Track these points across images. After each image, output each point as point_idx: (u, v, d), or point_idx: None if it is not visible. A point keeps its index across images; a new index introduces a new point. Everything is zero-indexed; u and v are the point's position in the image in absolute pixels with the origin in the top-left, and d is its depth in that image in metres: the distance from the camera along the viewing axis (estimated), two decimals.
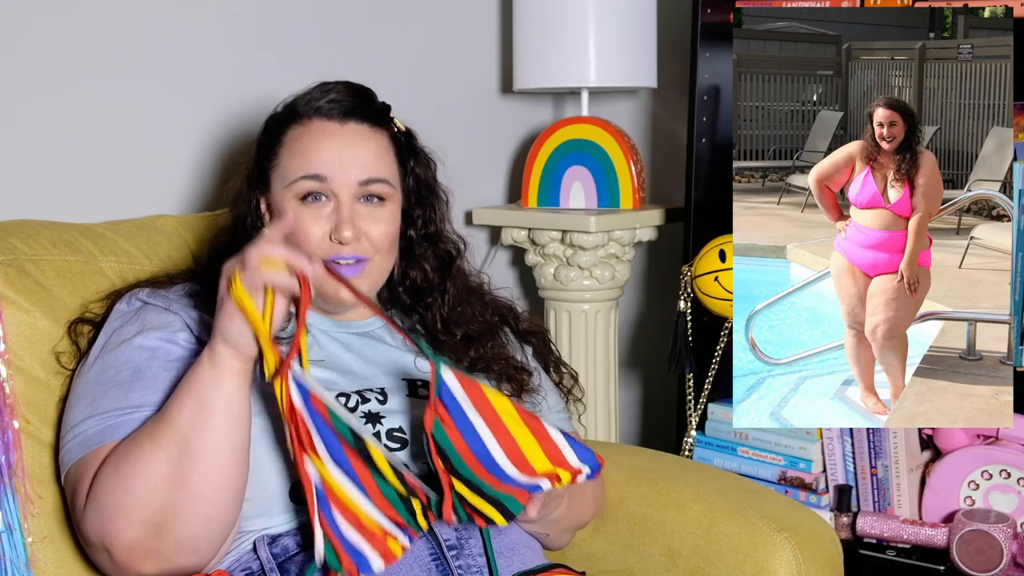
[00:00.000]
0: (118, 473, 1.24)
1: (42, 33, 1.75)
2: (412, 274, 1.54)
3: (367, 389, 1.42)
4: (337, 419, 1.21)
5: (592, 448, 1.30)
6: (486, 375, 1.52)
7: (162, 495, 1.22)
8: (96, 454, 1.29)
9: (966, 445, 1.92)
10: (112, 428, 1.29)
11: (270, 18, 2.06)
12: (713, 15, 2.06)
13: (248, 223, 1.49)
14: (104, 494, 1.25)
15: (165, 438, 1.23)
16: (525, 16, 2.29)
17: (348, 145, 1.44)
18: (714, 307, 2.02)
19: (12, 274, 1.45)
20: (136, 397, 1.31)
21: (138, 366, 1.34)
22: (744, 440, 2.07)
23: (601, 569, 1.62)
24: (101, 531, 1.25)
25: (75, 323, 1.47)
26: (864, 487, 1.98)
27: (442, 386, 1.23)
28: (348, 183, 1.43)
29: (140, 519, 1.23)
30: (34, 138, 1.77)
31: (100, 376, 1.35)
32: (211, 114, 1.97)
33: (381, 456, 1.21)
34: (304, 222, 1.42)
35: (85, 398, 1.35)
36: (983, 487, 1.90)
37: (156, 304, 1.41)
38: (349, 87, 1.48)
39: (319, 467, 1.20)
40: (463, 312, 1.57)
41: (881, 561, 1.94)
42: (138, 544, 1.23)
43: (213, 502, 1.23)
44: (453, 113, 2.42)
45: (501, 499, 1.27)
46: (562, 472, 1.29)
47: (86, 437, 1.31)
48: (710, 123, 2.11)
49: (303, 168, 1.42)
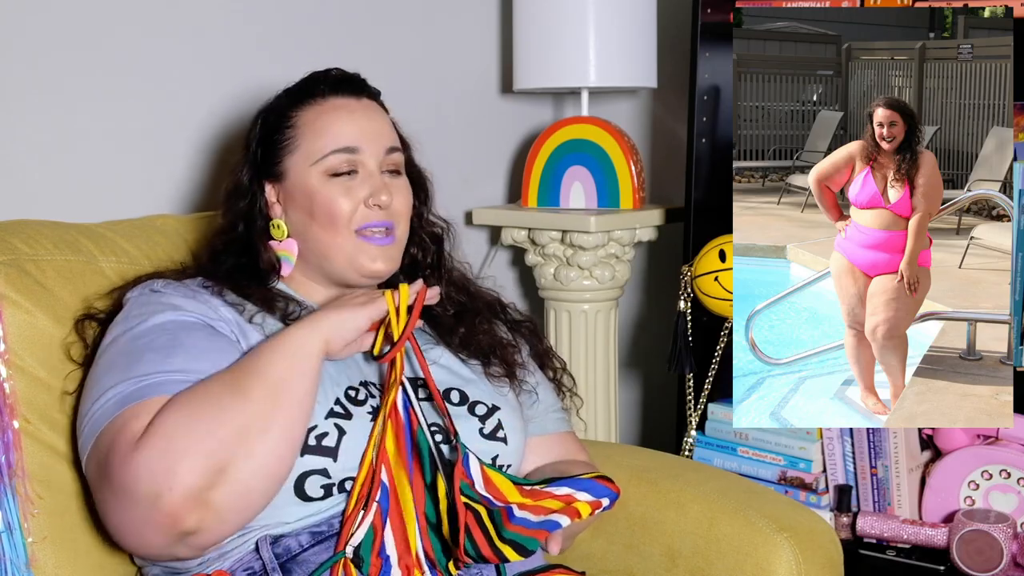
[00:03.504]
0: (191, 417, 1.22)
1: (42, 33, 1.76)
2: (412, 251, 1.58)
3: (372, 383, 1.42)
4: (422, 434, 1.34)
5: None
6: (477, 353, 1.55)
7: (241, 442, 1.21)
8: (141, 407, 1.25)
9: (966, 445, 1.92)
10: (155, 386, 1.27)
11: (270, 18, 2.06)
12: (713, 15, 2.06)
13: (255, 216, 1.49)
14: (170, 437, 1.20)
15: (251, 390, 1.24)
16: (525, 16, 2.29)
17: (369, 118, 1.49)
18: (714, 307, 2.02)
19: (12, 274, 1.45)
20: (178, 363, 1.29)
21: (176, 335, 1.33)
22: (744, 440, 2.07)
23: (601, 569, 1.62)
24: (161, 474, 1.19)
25: (82, 319, 1.46)
26: (864, 487, 1.98)
27: (467, 460, 1.33)
28: (376, 152, 1.47)
29: (209, 464, 1.20)
30: (34, 138, 1.77)
31: (130, 346, 1.33)
32: (211, 114, 1.97)
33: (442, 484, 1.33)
34: (336, 196, 1.45)
35: (114, 368, 1.31)
36: (983, 487, 1.90)
37: (178, 291, 1.41)
38: (344, 71, 1.53)
39: (398, 476, 1.31)
40: (456, 295, 1.60)
41: (881, 561, 1.94)
42: (197, 491, 1.19)
43: (279, 457, 1.25)
44: (453, 113, 2.42)
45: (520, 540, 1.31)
46: (580, 506, 1.33)
47: (123, 396, 1.27)
48: (710, 123, 2.11)
49: (332, 143, 1.46)
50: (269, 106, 1.53)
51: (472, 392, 1.49)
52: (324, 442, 1.32)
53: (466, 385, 1.50)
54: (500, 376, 1.55)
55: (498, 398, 1.51)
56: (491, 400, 1.49)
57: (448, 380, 1.49)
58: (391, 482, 1.32)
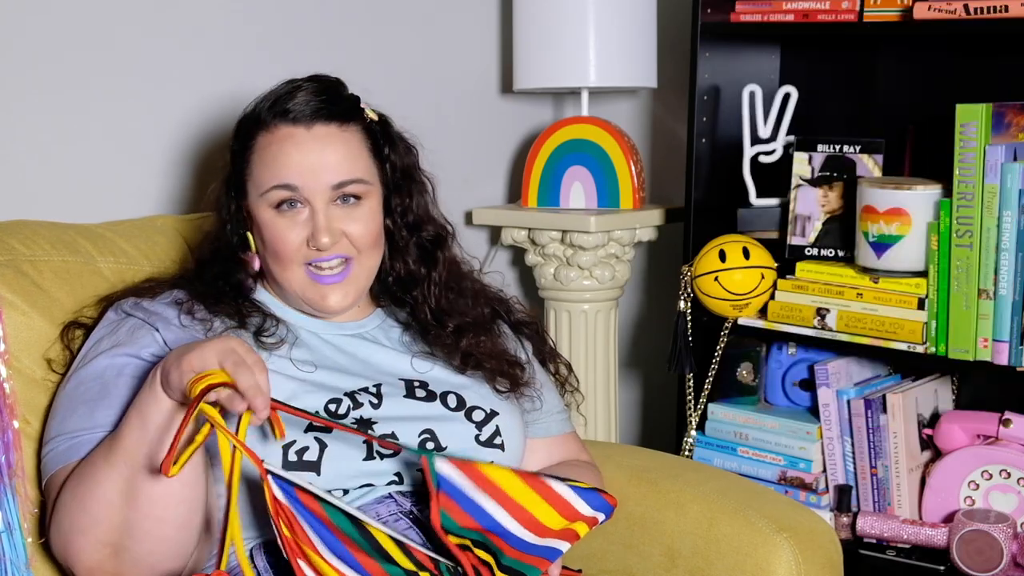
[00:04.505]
0: (75, 493, 1.24)
1: (41, 33, 1.75)
2: (397, 266, 1.51)
3: (360, 390, 1.41)
4: (330, 508, 1.18)
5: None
6: (479, 371, 1.51)
7: (115, 515, 1.21)
8: (62, 472, 1.29)
9: (966, 445, 1.92)
10: (76, 447, 1.29)
11: (270, 18, 2.06)
12: (713, 15, 2.06)
13: (229, 230, 1.47)
14: (63, 514, 1.25)
15: (115, 458, 1.22)
16: (525, 16, 2.29)
17: (317, 150, 1.41)
18: (714, 307, 2.02)
19: (9, 275, 1.45)
20: (100, 416, 1.30)
21: (106, 384, 1.33)
22: (744, 440, 2.07)
23: (600, 569, 1.62)
24: (63, 551, 1.26)
25: (68, 327, 1.46)
26: (864, 487, 1.98)
27: (440, 479, 1.22)
28: (320, 189, 1.40)
29: (96, 539, 1.23)
30: (33, 138, 1.77)
31: (73, 392, 1.35)
32: (210, 114, 1.97)
33: (384, 536, 1.20)
34: (281, 231, 1.41)
35: (59, 413, 1.35)
36: (983, 487, 1.89)
37: (136, 316, 1.40)
38: (316, 83, 1.45)
39: (319, 564, 1.16)
40: (454, 302, 1.54)
41: (881, 561, 1.94)
42: (98, 565, 1.23)
43: (165, 521, 1.22)
44: (453, 113, 2.42)
45: (520, 568, 1.27)
46: (578, 526, 1.30)
47: (56, 454, 1.31)
48: (710, 123, 2.11)
49: (274, 178, 1.40)
50: (245, 115, 1.48)
51: (469, 397, 1.47)
52: (306, 456, 1.32)
53: (462, 389, 1.48)
54: (505, 391, 1.51)
55: (497, 402, 1.49)
56: (489, 405, 1.47)
57: (444, 384, 1.47)
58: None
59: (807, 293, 1.96)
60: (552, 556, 1.30)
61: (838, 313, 1.91)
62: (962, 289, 1.79)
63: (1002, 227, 1.76)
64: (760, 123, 2.12)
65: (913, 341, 1.85)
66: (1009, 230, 1.75)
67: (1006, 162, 1.75)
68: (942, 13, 1.81)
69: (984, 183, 1.76)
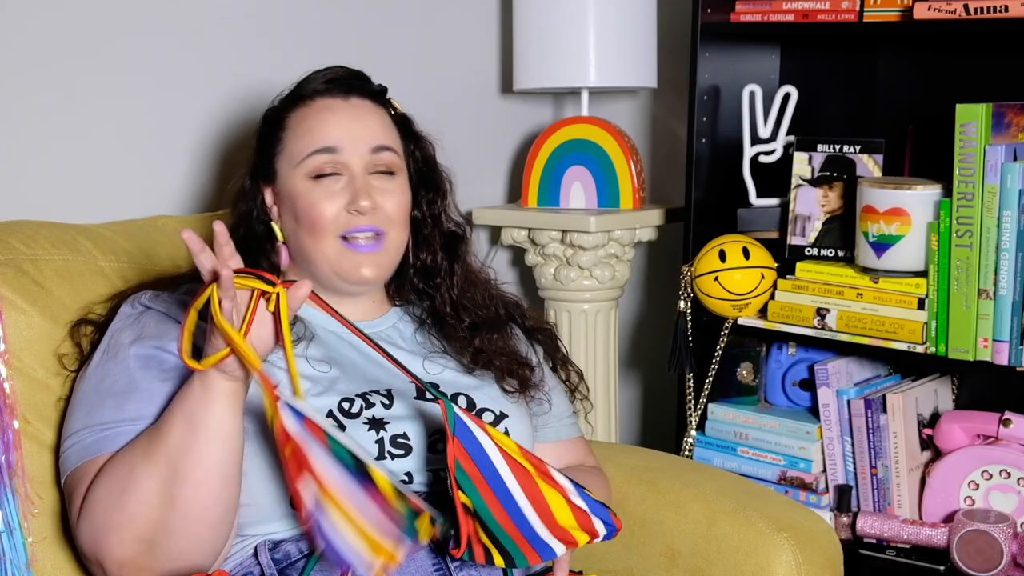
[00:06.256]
0: (110, 488, 1.24)
1: (42, 33, 1.76)
2: (422, 256, 1.53)
3: (372, 391, 1.41)
4: (336, 444, 1.17)
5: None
6: (488, 370, 1.51)
7: (152, 512, 1.21)
8: (91, 465, 1.28)
9: (966, 445, 1.92)
10: (107, 439, 1.29)
11: (270, 18, 2.06)
12: (713, 15, 2.06)
13: (254, 217, 1.48)
14: (97, 509, 1.25)
15: (156, 456, 1.22)
16: (525, 16, 2.29)
17: (355, 117, 1.45)
18: (714, 307, 2.02)
19: (10, 274, 1.45)
20: (132, 409, 1.30)
21: (134, 376, 1.32)
22: (744, 440, 2.07)
23: (601, 569, 1.62)
24: (94, 545, 1.25)
25: (77, 324, 1.46)
26: (864, 487, 1.98)
27: (456, 422, 1.22)
28: (360, 152, 1.43)
29: (131, 535, 1.22)
30: (34, 138, 1.77)
31: (98, 385, 1.34)
32: (211, 114, 1.97)
33: (384, 479, 1.19)
34: (318, 199, 1.41)
35: (83, 406, 1.34)
36: (983, 487, 1.89)
37: (157, 309, 1.40)
38: (345, 69, 1.50)
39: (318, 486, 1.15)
40: (472, 298, 1.55)
41: (881, 561, 1.94)
42: (131, 560, 1.23)
43: (203, 521, 1.22)
44: (453, 113, 2.42)
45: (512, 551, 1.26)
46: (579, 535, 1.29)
47: (83, 447, 1.30)
48: (710, 123, 2.11)
49: (312, 144, 1.43)
50: (271, 107, 1.52)
51: (479, 398, 1.47)
52: None
53: (473, 391, 1.48)
54: (514, 391, 1.52)
55: (507, 404, 1.49)
56: (499, 407, 1.47)
57: (455, 385, 1.48)
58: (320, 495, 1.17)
59: (807, 293, 1.96)
60: (546, 554, 1.28)
61: (838, 313, 1.91)
62: (962, 289, 1.79)
63: (1002, 227, 1.76)
64: (760, 123, 2.12)
65: (913, 341, 1.85)
66: (1009, 230, 1.75)
67: (1006, 162, 1.75)
68: (942, 13, 1.81)
69: (984, 183, 1.76)
